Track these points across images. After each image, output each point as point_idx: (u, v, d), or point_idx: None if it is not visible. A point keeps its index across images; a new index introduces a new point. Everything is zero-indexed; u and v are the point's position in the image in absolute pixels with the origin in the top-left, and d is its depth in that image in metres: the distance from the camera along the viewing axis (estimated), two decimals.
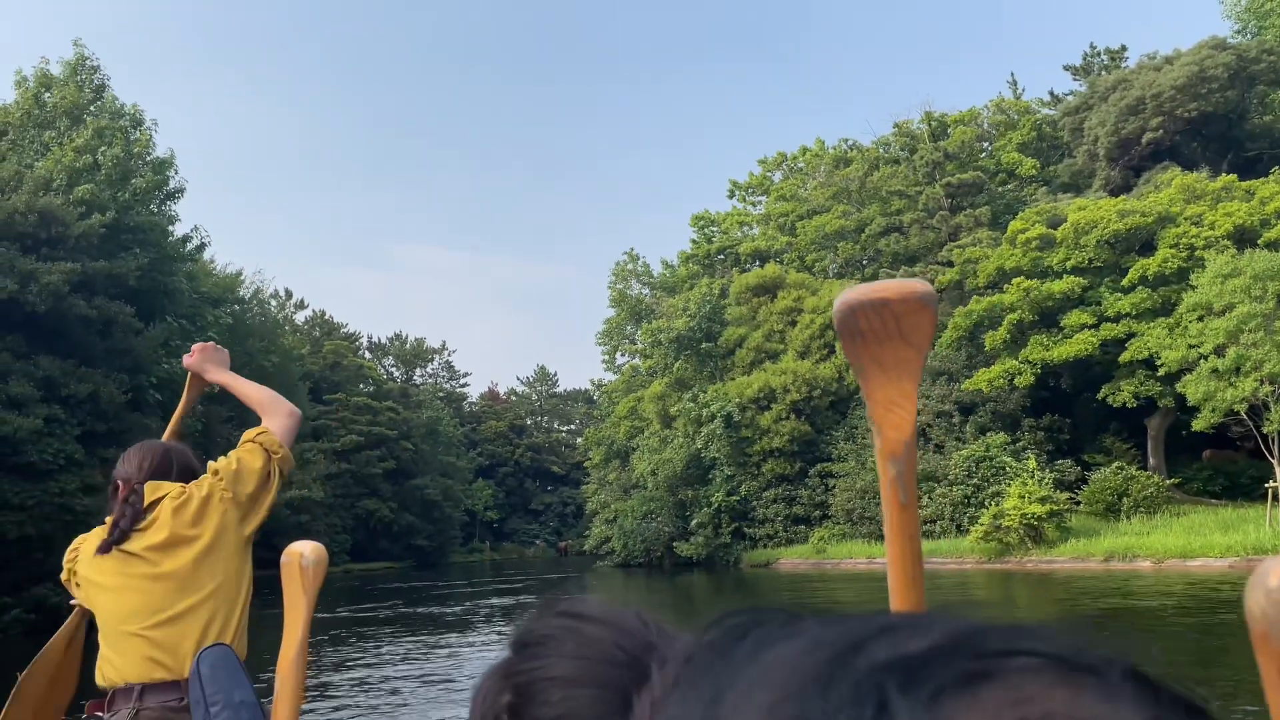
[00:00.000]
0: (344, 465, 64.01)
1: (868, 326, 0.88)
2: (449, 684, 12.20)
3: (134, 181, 25.19)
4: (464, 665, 13.83)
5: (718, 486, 43.19)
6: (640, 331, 55.22)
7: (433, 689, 11.93)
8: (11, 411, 20.82)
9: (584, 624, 0.59)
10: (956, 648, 0.31)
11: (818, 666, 0.31)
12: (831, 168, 54.57)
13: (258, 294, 37.00)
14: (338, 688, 12.24)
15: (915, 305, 0.87)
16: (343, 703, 11.29)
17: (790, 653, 0.32)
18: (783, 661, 0.32)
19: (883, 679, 0.30)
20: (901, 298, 0.86)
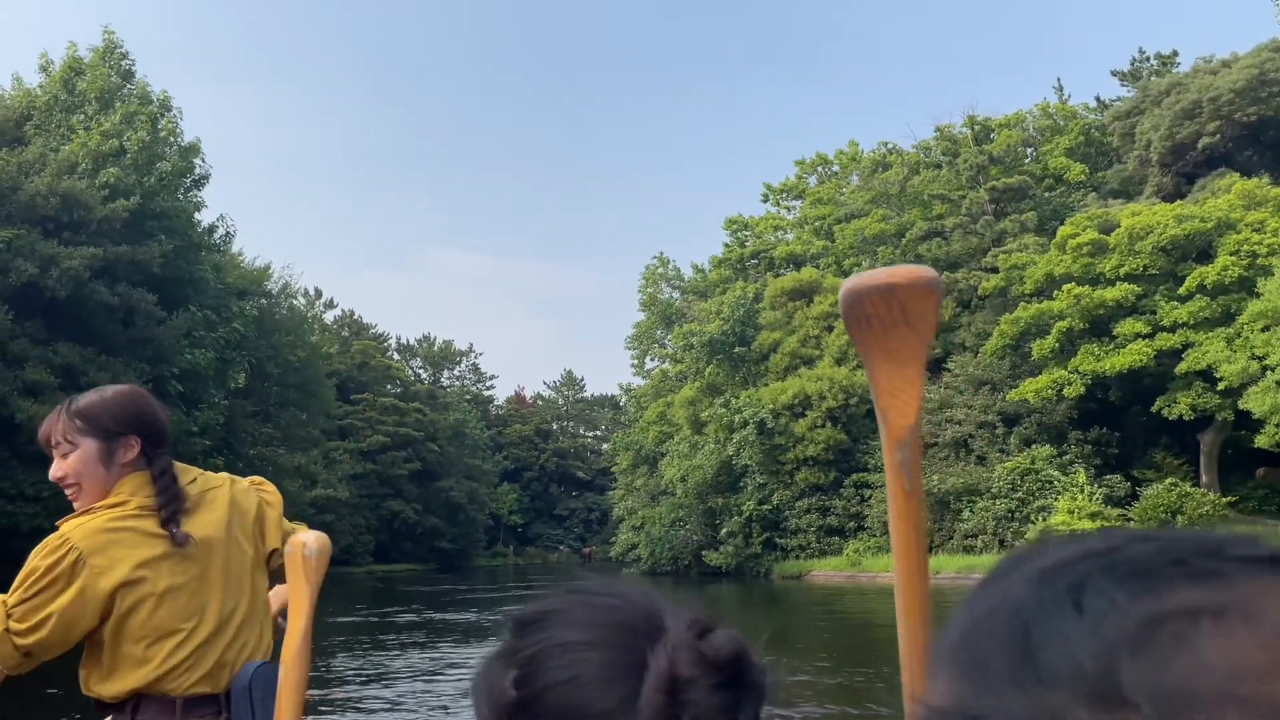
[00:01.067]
0: (370, 465, 63.55)
1: (874, 312, 0.89)
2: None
3: (159, 166, 24.56)
4: None
5: (749, 495, 42.05)
6: (671, 335, 54.22)
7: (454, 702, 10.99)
8: (28, 399, 20.15)
9: (590, 596, 0.61)
10: (1174, 548, 0.34)
11: (1051, 565, 0.36)
12: (870, 171, 53.37)
13: (286, 288, 36.38)
14: (345, 702, 11.33)
15: (922, 291, 0.88)
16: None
17: (1043, 557, 0.37)
18: (1033, 564, 0.36)
19: (1094, 569, 0.34)
20: (909, 283, 0.87)
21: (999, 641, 0.34)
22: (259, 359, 30.31)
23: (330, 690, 11.74)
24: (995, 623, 0.35)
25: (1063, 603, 0.33)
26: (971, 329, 41.42)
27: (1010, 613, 0.35)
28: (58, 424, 2.28)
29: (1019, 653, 0.33)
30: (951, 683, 0.36)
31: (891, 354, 0.92)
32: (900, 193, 48.18)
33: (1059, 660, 0.32)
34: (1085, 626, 0.32)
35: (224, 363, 26.87)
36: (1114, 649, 0.31)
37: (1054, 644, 0.32)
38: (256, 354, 29.92)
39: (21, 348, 20.65)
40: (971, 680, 0.35)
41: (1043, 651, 0.33)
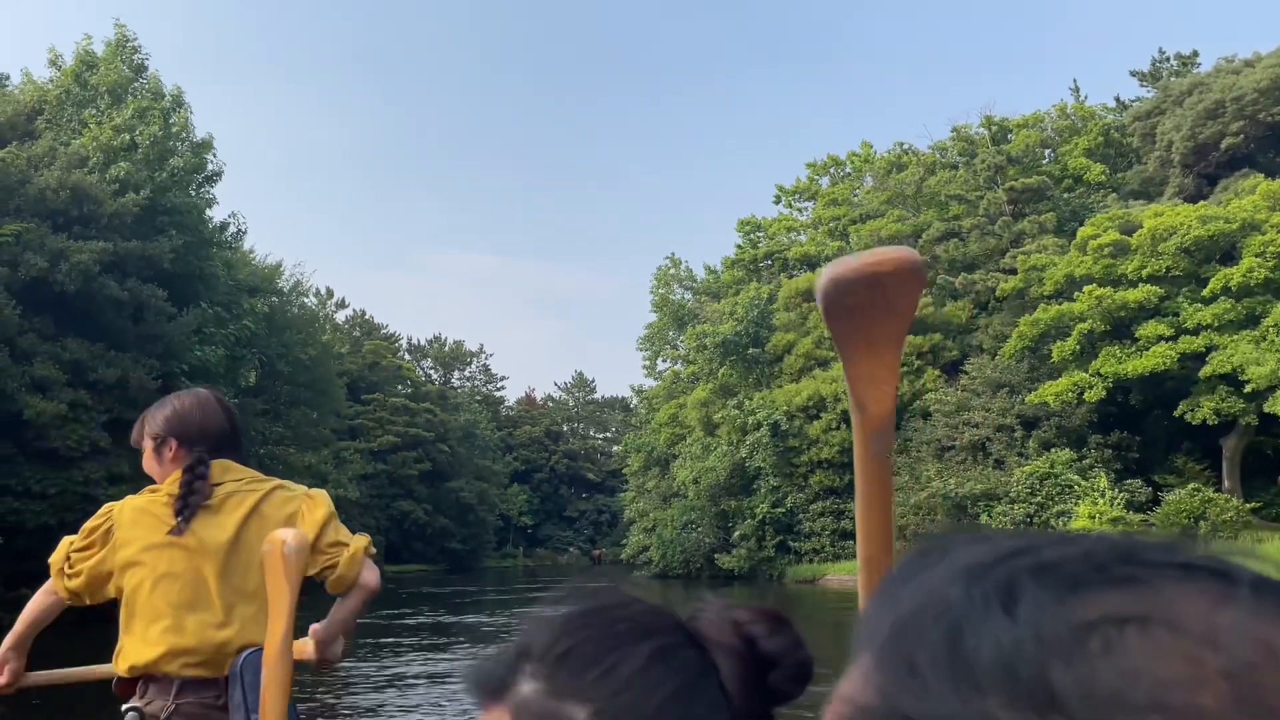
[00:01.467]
0: (380, 466, 63.33)
1: (855, 301, 0.84)
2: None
3: (171, 162, 24.29)
4: None
5: (762, 497, 41.62)
6: (684, 336, 53.83)
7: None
8: (35, 394, 19.87)
9: (621, 607, 0.61)
10: (1097, 554, 0.34)
11: (974, 564, 0.35)
12: (884, 172, 52.90)
13: (297, 287, 36.12)
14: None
15: (907, 275, 0.84)
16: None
17: (962, 555, 0.36)
18: (952, 561, 0.36)
19: (1022, 572, 0.34)
20: (896, 270, 0.83)
21: (929, 641, 0.34)
22: (269, 357, 30.03)
23: (345, 697, 11.39)
24: (923, 621, 0.35)
25: (992, 605, 0.33)
26: (989, 331, 40.92)
27: (939, 612, 0.35)
28: (135, 430, 2.63)
29: (951, 654, 0.33)
30: (880, 681, 0.35)
31: (871, 342, 0.87)
32: (916, 193, 47.69)
33: (992, 664, 0.32)
34: (1018, 631, 0.32)
35: (234, 360, 26.59)
36: (1046, 655, 0.31)
37: (986, 647, 0.32)
38: (267, 352, 29.64)
39: (30, 343, 20.37)
40: (901, 680, 0.34)
41: (976, 655, 0.33)
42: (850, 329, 0.87)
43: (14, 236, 20.35)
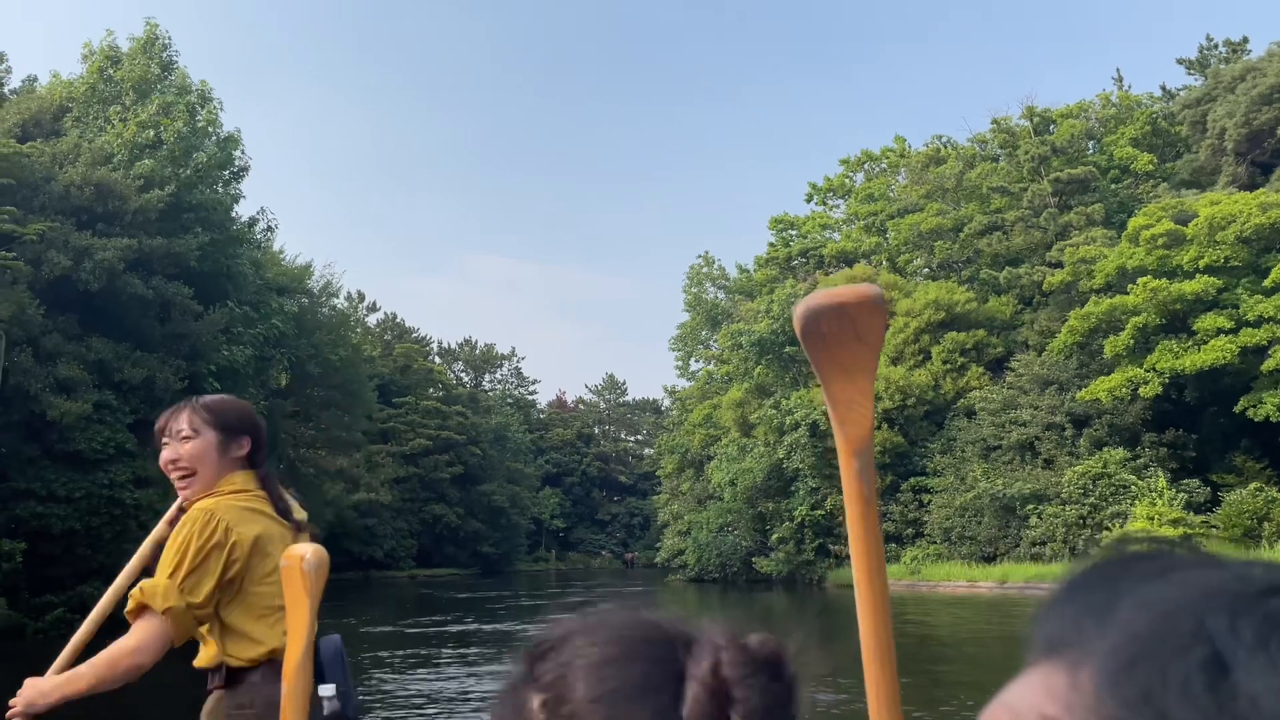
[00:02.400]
0: (412, 469, 62.95)
1: (828, 329, 0.96)
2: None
3: (196, 157, 23.76)
4: None
5: (801, 499, 40.56)
6: (718, 335, 52.89)
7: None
8: (60, 395, 19.36)
9: (609, 616, 0.61)
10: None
11: (1230, 592, 0.31)
12: (921, 166, 51.67)
13: (327, 287, 35.61)
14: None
15: (870, 308, 0.96)
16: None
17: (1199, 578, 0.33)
18: (1189, 583, 0.32)
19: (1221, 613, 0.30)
20: (858, 301, 0.95)
21: (1182, 673, 0.30)
22: (299, 358, 29.49)
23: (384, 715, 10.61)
24: (1170, 648, 0.31)
25: (1265, 645, 0.29)
26: (1035, 327, 39.63)
27: (1191, 642, 0.31)
28: (183, 414, 2.49)
29: (1213, 693, 0.29)
30: (1111, 708, 0.31)
31: (845, 369, 0.98)
32: (956, 187, 46.47)
33: (1269, 712, 0.28)
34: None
35: (263, 360, 26.04)
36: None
37: (1263, 692, 0.28)
38: (296, 353, 29.09)
39: (54, 343, 19.89)
40: (1136, 707, 0.31)
41: (1248, 698, 0.29)
42: (825, 356, 0.98)
43: (38, 235, 19.87)
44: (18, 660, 16.77)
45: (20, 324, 19.05)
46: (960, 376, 39.30)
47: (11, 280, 19.13)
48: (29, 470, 19.23)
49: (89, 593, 19.87)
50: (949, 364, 39.53)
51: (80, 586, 19.79)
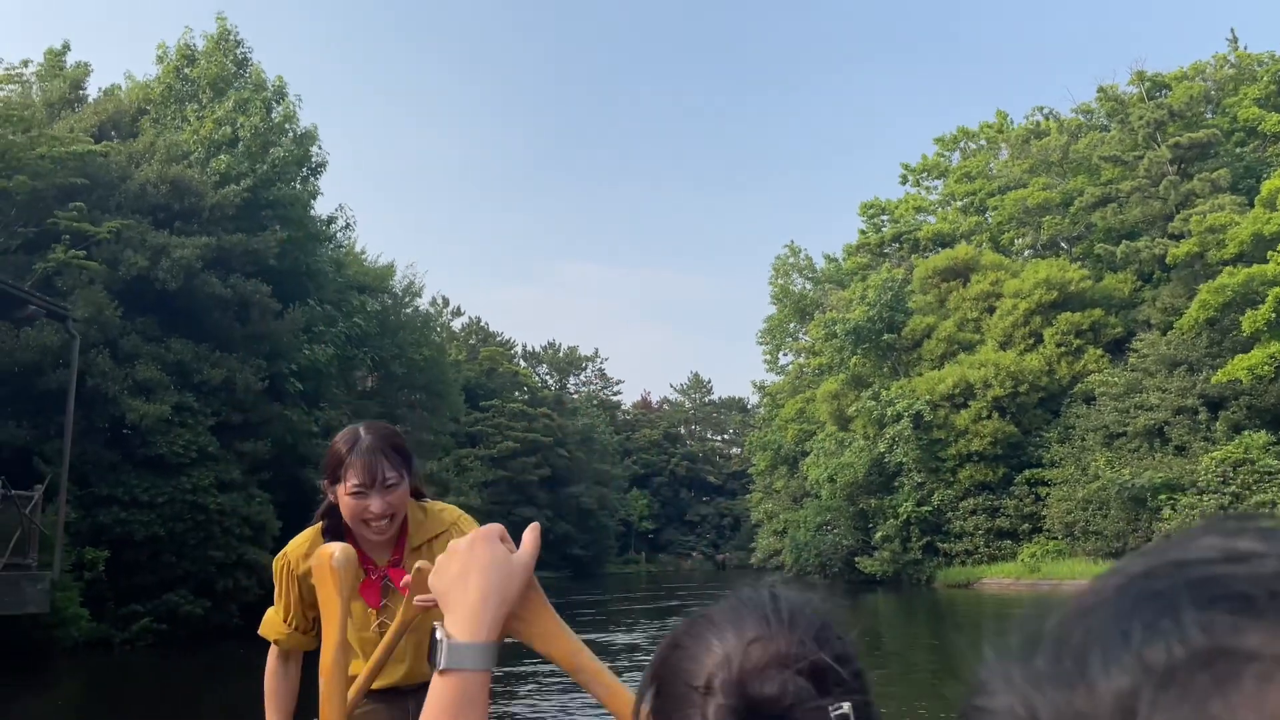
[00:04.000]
0: (500, 472, 62.53)
1: None
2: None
3: (273, 152, 23.11)
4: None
5: (905, 495, 38.43)
6: (810, 326, 50.96)
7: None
8: (139, 398, 18.75)
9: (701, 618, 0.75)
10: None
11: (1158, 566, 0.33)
12: (1022, 141, 48.87)
13: (410, 288, 34.90)
14: None
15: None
16: None
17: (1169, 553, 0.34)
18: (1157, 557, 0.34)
19: (1187, 579, 0.31)
20: None
21: (1065, 634, 0.33)
22: (383, 358, 28.71)
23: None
24: (1075, 612, 0.34)
25: (1135, 613, 0.31)
26: (1157, 304, 36.76)
27: (1089, 609, 0.33)
28: (382, 463, 2.48)
29: (1070, 653, 0.32)
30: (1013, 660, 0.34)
31: None
32: (1062, 159, 43.69)
33: (1100, 675, 0.30)
34: (1133, 645, 0.30)
35: (345, 360, 25.29)
36: (1144, 682, 0.29)
37: (1097, 656, 0.31)
38: (380, 352, 28.32)
39: (133, 344, 19.32)
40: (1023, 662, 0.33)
41: (1089, 660, 0.31)
42: None
43: (113, 233, 19.34)
44: (109, 672, 16.06)
45: (98, 325, 18.53)
46: (1076, 360, 36.71)
47: (88, 280, 18.63)
48: (110, 475, 18.68)
49: (175, 602, 19.24)
50: (1063, 347, 36.96)
51: (166, 595, 19.16)
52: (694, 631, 0.72)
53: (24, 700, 13.23)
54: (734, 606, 0.72)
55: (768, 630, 0.70)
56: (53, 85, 24.37)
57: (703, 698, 0.67)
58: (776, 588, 0.75)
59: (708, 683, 0.67)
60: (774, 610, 0.72)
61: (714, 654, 0.69)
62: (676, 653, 0.71)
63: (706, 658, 0.69)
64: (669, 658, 0.72)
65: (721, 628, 0.70)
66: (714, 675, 0.67)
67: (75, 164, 19.68)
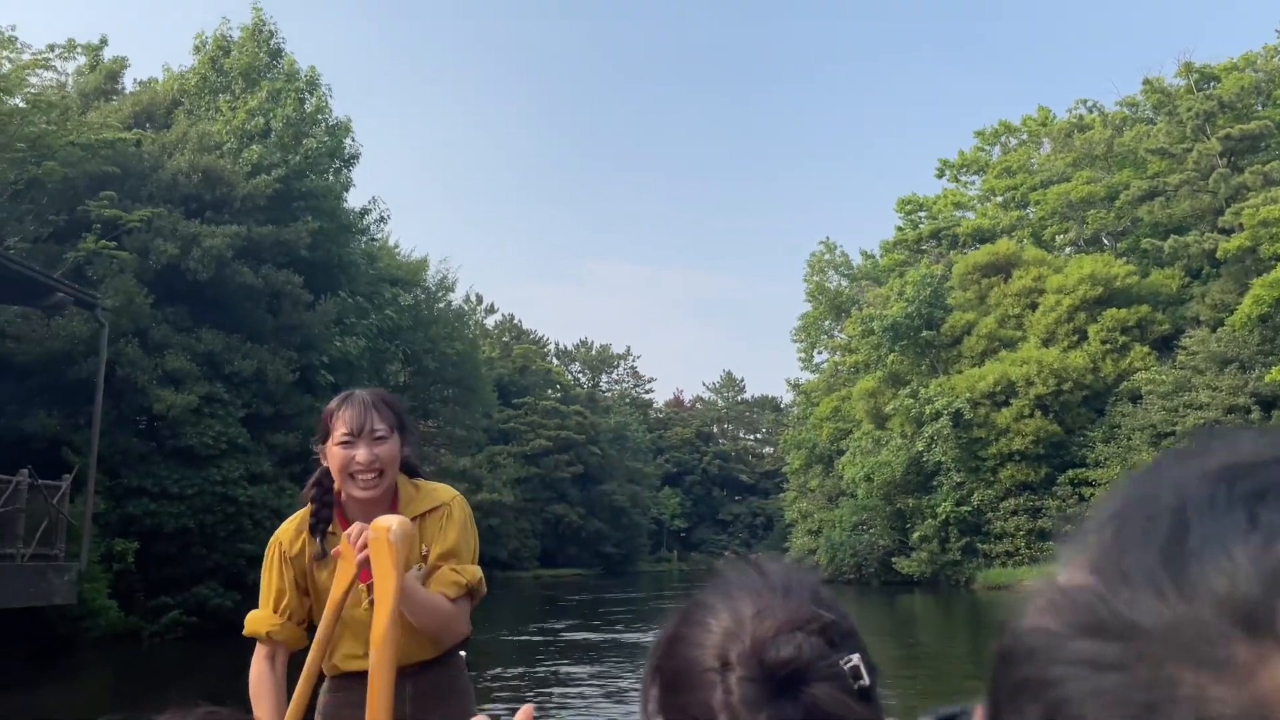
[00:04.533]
0: (533, 469, 62.42)
1: None
2: None
3: (305, 143, 22.92)
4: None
5: (944, 495, 37.62)
6: (846, 323, 50.19)
7: None
8: (168, 388, 18.59)
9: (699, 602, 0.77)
10: None
11: (1232, 463, 0.33)
12: (1065, 134, 47.76)
13: (443, 282, 34.71)
14: None
15: None
16: None
17: (1226, 451, 0.34)
18: (1211, 456, 0.33)
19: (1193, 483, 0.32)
20: None
21: (1151, 534, 0.31)
22: (415, 351, 28.50)
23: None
24: (1151, 511, 0.32)
25: (1235, 509, 0.30)
26: (1207, 300, 35.67)
27: (1172, 506, 0.31)
28: (372, 414, 2.46)
29: (1169, 554, 0.30)
30: (1087, 567, 0.33)
31: None
32: (1107, 153, 42.61)
33: (1213, 572, 0.28)
34: (1254, 542, 0.29)
35: (377, 353, 25.07)
36: (1275, 576, 0.28)
37: (1212, 553, 0.29)
38: (412, 345, 28.10)
39: (163, 334, 19.19)
40: (1108, 570, 0.32)
41: (1197, 559, 0.29)
42: None
43: (144, 222, 19.21)
44: (139, 665, 15.87)
45: (128, 314, 18.40)
46: (1122, 357, 35.73)
47: (119, 270, 18.51)
48: (140, 466, 18.54)
49: (205, 595, 19.08)
50: (1109, 344, 35.99)
51: (196, 588, 19.01)
52: (691, 619, 0.72)
53: (52, 691, 13.05)
54: (724, 587, 0.74)
55: (767, 600, 0.72)
56: (89, 78, 24.37)
57: (720, 675, 0.67)
58: (759, 561, 0.77)
59: (723, 660, 0.68)
60: (766, 582, 0.73)
61: (721, 632, 0.70)
62: (678, 644, 0.72)
63: (714, 638, 0.70)
64: (671, 649, 0.73)
65: (719, 609, 0.71)
66: (728, 651, 0.68)
67: (107, 152, 19.59)
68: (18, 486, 14.09)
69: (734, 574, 0.75)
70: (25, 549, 14.12)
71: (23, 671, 14.12)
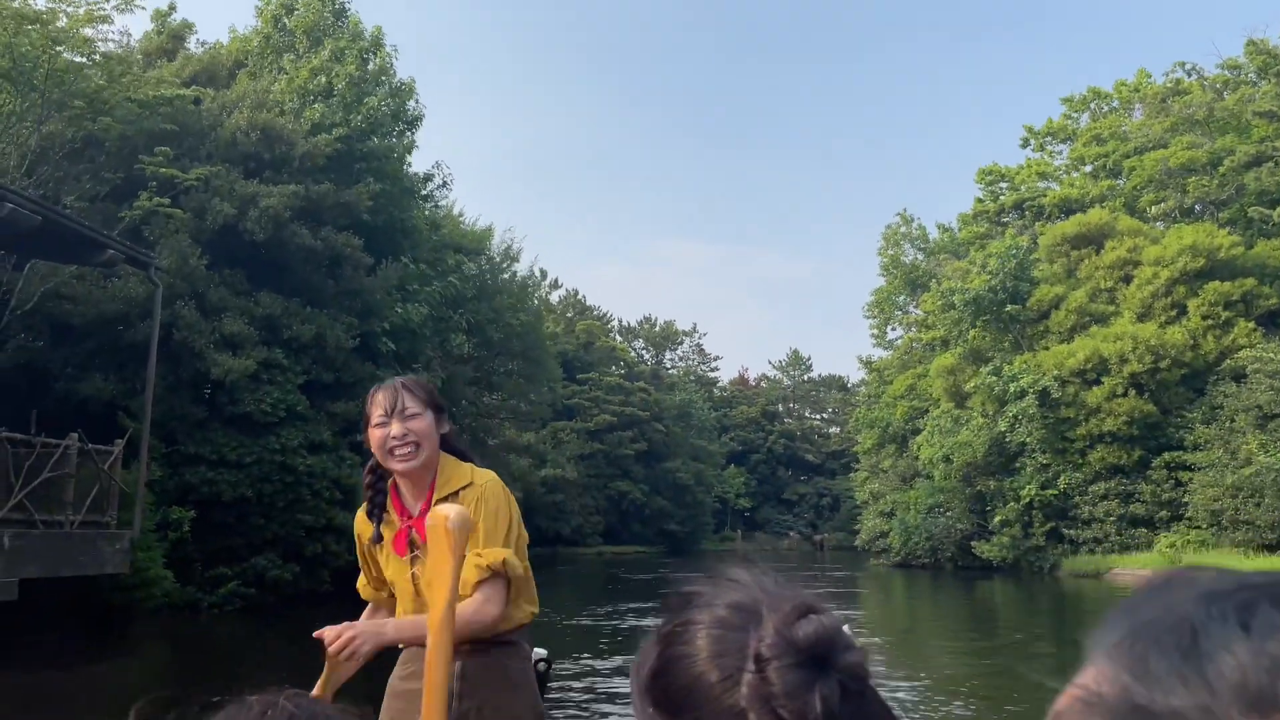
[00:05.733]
0: (596, 446, 61.77)
1: None
2: None
3: (368, 102, 22.10)
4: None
5: (1028, 477, 35.78)
6: (922, 298, 48.22)
7: None
8: (225, 352, 17.97)
9: (724, 581, 0.74)
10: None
11: (1217, 589, 0.42)
12: (1160, 99, 45.00)
13: (508, 252, 33.82)
14: None
15: None
16: None
17: (1205, 582, 0.43)
18: (1195, 586, 0.42)
19: (1261, 596, 0.40)
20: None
21: (1166, 645, 0.39)
22: (479, 321, 27.65)
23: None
24: (1160, 629, 0.40)
25: (1229, 620, 0.38)
26: None
27: (1175, 623, 0.39)
28: (403, 393, 2.60)
29: (1185, 656, 0.38)
30: (1115, 674, 0.40)
31: None
32: (1208, 117, 39.93)
33: (1223, 669, 0.36)
34: (1251, 644, 0.37)
35: (440, 322, 24.27)
36: (1275, 666, 0.36)
37: (1219, 654, 0.37)
38: (476, 315, 27.26)
39: (220, 297, 18.58)
40: (1136, 673, 0.39)
41: (1208, 660, 0.37)
42: None
43: (201, 180, 18.57)
44: (198, 638, 15.29)
45: (184, 277, 17.81)
46: (1225, 333, 33.43)
47: (174, 229, 17.91)
48: (197, 433, 17.99)
49: (264, 566, 18.52)
50: (1210, 319, 33.70)
51: (255, 559, 18.45)
52: (688, 639, 0.71)
53: (110, 664, 12.47)
54: (718, 599, 0.73)
55: (759, 594, 0.72)
56: (153, 40, 23.90)
57: (756, 674, 0.66)
58: (728, 570, 0.76)
59: (756, 656, 0.67)
60: (758, 583, 0.73)
61: (740, 636, 0.69)
62: (682, 663, 0.70)
63: (735, 643, 0.69)
64: (674, 672, 0.71)
65: (726, 619, 0.71)
66: (757, 647, 0.67)
67: (166, 110, 18.98)
68: (66, 451, 13.52)
69: (720, 589, 0.73)
70: (75, 516, 13.57)
71: (76, 643, 13.60)
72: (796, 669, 0.66)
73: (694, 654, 0.69)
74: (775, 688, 0.65)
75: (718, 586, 0.73)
